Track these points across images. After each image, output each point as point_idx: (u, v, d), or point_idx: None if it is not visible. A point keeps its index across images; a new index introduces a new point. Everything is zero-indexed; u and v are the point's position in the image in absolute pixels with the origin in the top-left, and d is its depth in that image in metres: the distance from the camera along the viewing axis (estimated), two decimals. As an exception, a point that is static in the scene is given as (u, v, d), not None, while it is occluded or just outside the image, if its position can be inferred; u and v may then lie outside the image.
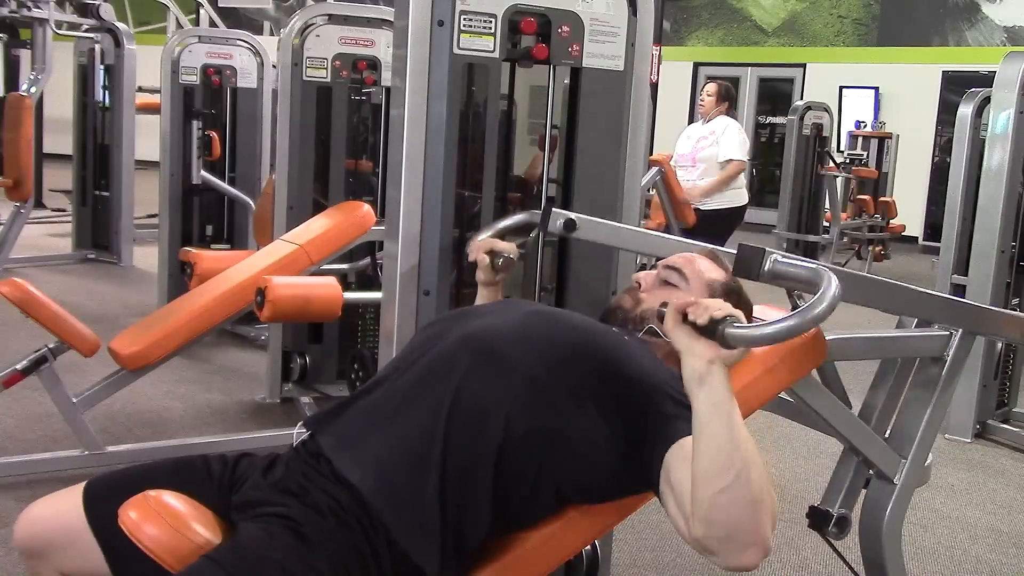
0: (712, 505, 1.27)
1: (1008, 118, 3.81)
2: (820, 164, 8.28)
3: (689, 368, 1.33)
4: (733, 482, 1.26)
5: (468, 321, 1.56)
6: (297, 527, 1.35)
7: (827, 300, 1.34)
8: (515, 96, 2.11)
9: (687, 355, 1.34)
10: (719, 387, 1.31)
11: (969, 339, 2.06)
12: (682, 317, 1.34)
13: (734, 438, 1.29)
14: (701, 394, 1.31)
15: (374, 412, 1.47)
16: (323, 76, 3.96)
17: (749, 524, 1.27)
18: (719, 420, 1.30)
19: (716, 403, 1.30)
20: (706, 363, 1.31)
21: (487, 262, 1.82)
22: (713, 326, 1.31)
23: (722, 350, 1.31)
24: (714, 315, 1.31)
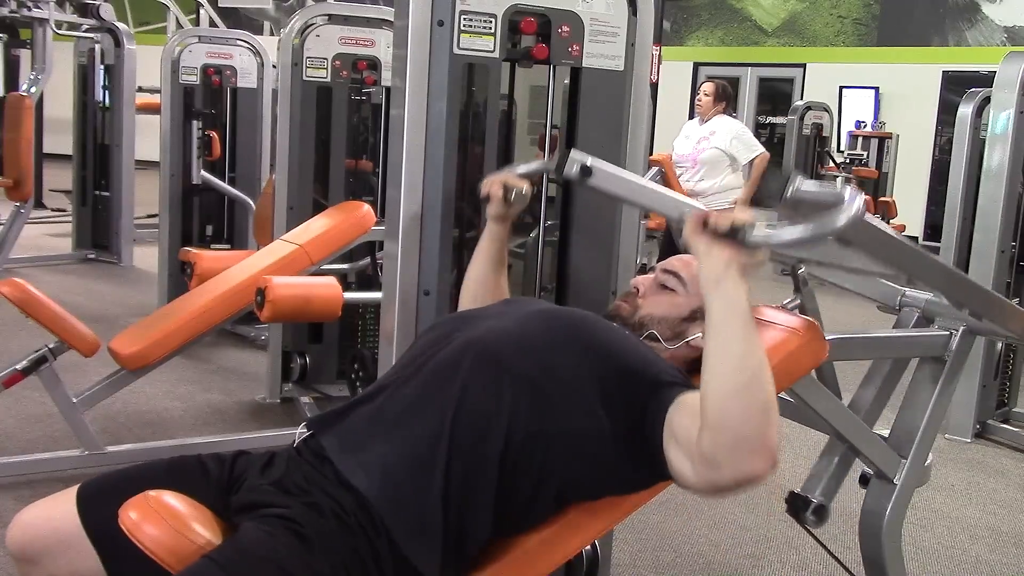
0: (723, 409, 1.28)
1: (1008, 118, 3.81)
2: (820, 164, 8.29)
3: (707, 271, 1.35)
4: (745, 386, 1.27)
5: (471, 325, 1.56)
6: (298, 528, 1.35)
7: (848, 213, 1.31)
8: (515, 96, 2.11)
9: (705, 258, 1.35)
10: (735, 289, 1.32)
11: (969, 339, 2.07)
12: (702, 225, 1.36)
13: (748, 342, 1.30)
14: (717, 296, 1.33)
15: (379, 417, 1.47)
16: (323, 76, 3.96)
17: (759, 429, 1.27)
18: (734, 322, 1.31)
19: (732, 305, 1.32)
20: (724, 265, 1.33)
21: (500, 195, 1.82)
22: (734, 232, 1.32)
23: (741, 255, 1.33)
24: (735, 221, 1.32)
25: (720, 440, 1.28)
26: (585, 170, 1.71)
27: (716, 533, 2.96)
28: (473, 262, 1.91)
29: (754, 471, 1.27)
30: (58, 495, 1.52)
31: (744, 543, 2.91)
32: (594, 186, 1.74)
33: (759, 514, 3.08)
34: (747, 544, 2.90)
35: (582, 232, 2.05)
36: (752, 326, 1.32)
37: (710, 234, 1.35)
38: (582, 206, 2.05)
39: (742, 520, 3.06)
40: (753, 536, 2.95)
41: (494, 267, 1.88)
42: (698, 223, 1.36)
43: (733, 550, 2.86)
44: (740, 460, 1.27)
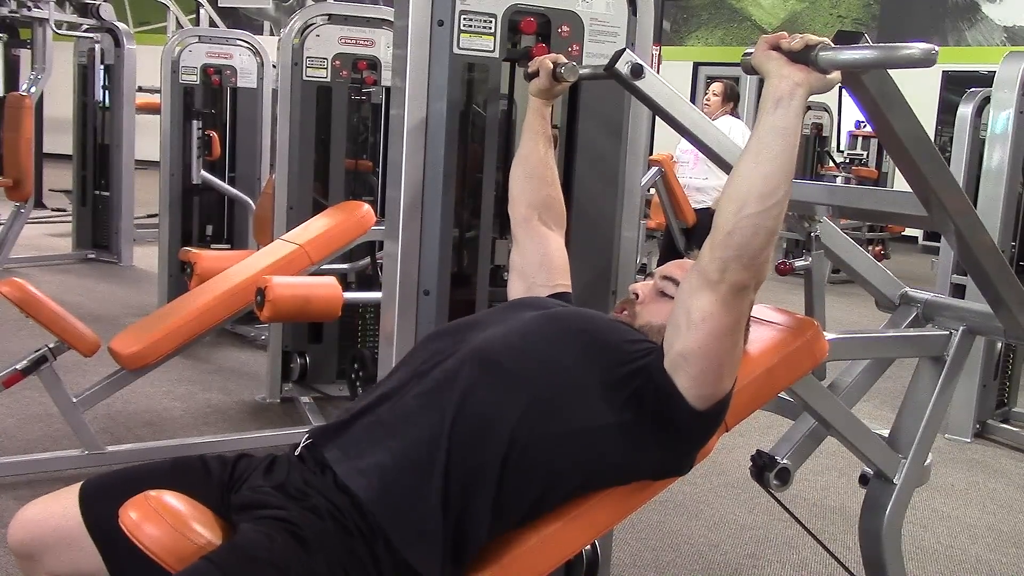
0: (738, 224, 1.33)
1: (1008, 118, 3.81)
2: (820, 164, 8.29)
3: (771, 90, 1.36)
4: (767, 210, 1.32)
5: (473, 334, 1.56)
6: (296, 530, 1.35)
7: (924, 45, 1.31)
8: (515, 96, 2.11)
9: (773, 77, 1.36)
10: (795, 113, 1.34)
11: (969, 338, 2.07)
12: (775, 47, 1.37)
13: (786, 169, 1.34)
14: (776, 114, 1.34)
15: (380, 426, 1.47)
16: (323, 76, 3.96)
17: (759, 249, 1.34)
18: (782, 144, 1.34)
19: (785, 128, 1.34)
20: (792, 84, 1.34)
21: (550, 67, 1.82)
22: (807, 52, 1.33)
23: (811, 76, 1.34)
24: (809, 40, 1.34)
25: (722, 252, 1.34)
26: (636, 69, 1.71)
27: (716, 533, 2.96)
28: (522, 142, 1.90)
29: (743, 279, 1.35)
30: (60, 492, 1.52)
31: (744, 543, 2.91)
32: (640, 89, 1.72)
33: (759, 514, 3.08)
34: (747, 544, 2.90)
35: (582, 232, 2.05)
36: (793, 156, 1.35)
37: (782, 54, 1.36)
38: (582, 206, 2.05)
39: (742, 520, 3.06)
40: (753, 536, 2.95)
41: (541, 142, 1.87)
42: (770, 44, 1.37)
43: (733, 550, 2.86)
44: (734, 269, 1.34)
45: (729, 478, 3.36)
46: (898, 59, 1.32)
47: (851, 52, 1.33)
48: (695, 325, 1.38)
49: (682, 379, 1.42)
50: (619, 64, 1.71)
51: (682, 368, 1.41)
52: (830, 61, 1.33)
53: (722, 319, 1.37)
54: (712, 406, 1.44)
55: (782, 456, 1.96)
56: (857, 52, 1.33)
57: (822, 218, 2.06)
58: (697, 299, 1.38)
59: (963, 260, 1.90)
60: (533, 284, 1.81)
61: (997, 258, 1.85)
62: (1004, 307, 1.92)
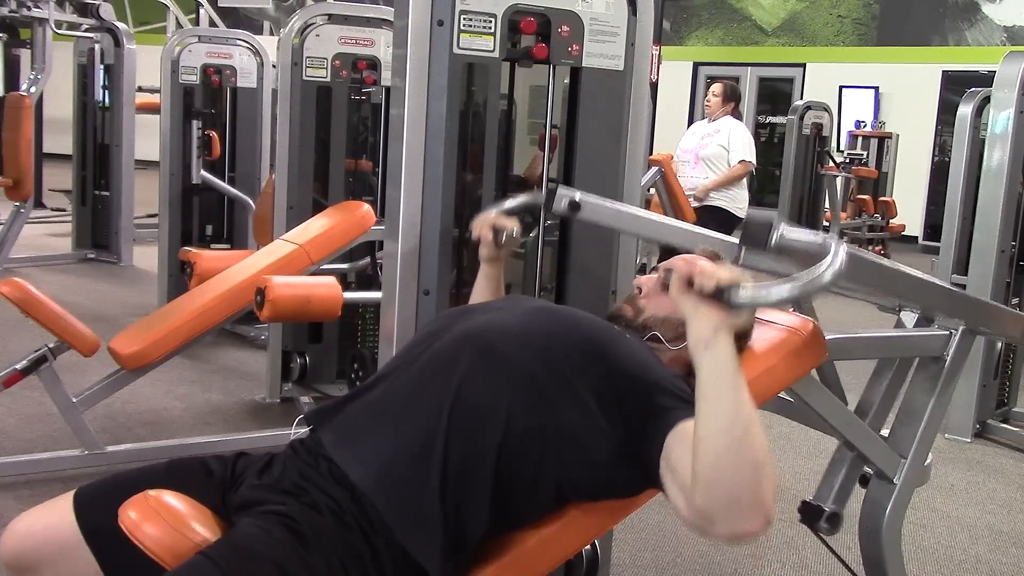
0: (715, 468, 1.26)
1: (1008, 118, 3.81)
2: (820, 164, 8.28)
3: (695, 333, 1.34)
4: (736, 444, 1.26)
5: (470, 318, 1.56)
6: (294, 524, 1.35)
7: (834, 268, 1.33)
8: (515, 96, 2.11)
9: (693, 319, 1.34)
10: (724, 352, 1.32)
11: (969, 339, 2.07)
12: (688, 284, 1.35)
13: (738, 402, 1.29)
14: (706, 359, 1.32)
15: (375, 409, 1.47)
16: (323, 76, 3.96)
17: (751, 488, 1.26)
18: (724, 384, 1.30)
19: (721, 367, 1.31)
20: (712, 328, 1.32)
21: (490, 238, 1.83)
22: (720, 293, 1.32)
23: (728, 315, 1.32)
24: (720, 282, 1.32)
25: (713, 497, 1.26)
26: (574, 205, 1.74)
27: (716, 533, 2.96)
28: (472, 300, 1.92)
29: (747, 529, 1.27)
30: (52, 502, 1.50)
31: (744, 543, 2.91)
32: (585, 219, 1.76)
33: (759, 514, 3.08)
34: (747, 544, 2.90)
35: (582, 232, 2.05)
36: (742, 385, 1.31)
37: (696, 295, 1.34)
38: (582, 206, 2.05)
39: (742, 520, 3.06)
40: (753, 536, 2.95)
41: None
42: (683, 283, 1.35)
43: (733, 550, 2.86)
44: (733, 518, 1.26)
45: (729, 478, 3.35)
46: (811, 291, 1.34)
47: (764, 294, 1.32)
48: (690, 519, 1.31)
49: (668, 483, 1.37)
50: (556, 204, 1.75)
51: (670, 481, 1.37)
52: (744, 304, 1.32)
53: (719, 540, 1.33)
54: None
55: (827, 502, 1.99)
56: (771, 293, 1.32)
57: None
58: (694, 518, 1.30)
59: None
60: None
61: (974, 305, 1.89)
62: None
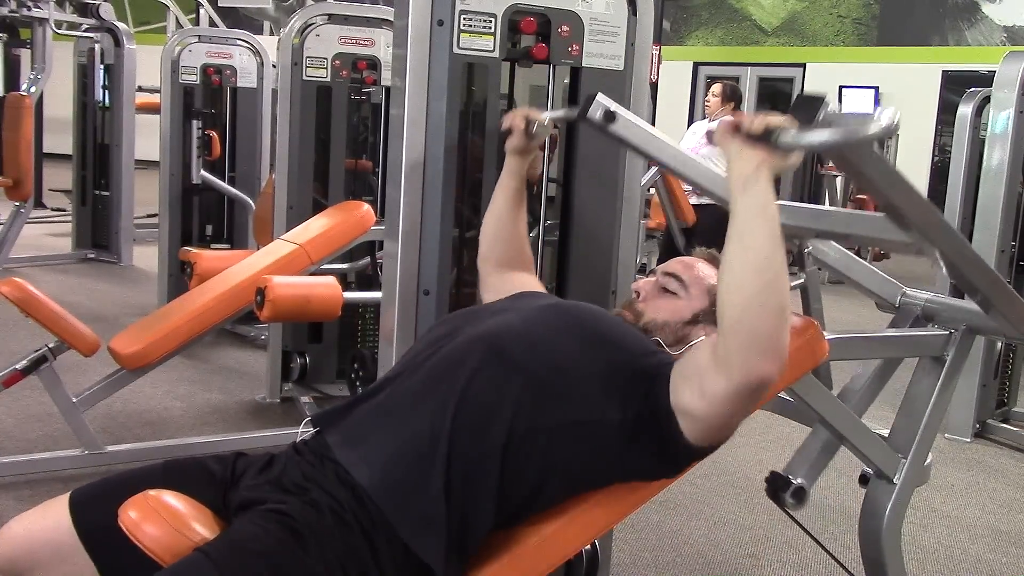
0: (742, 310, 1.29)
1: (1008, 118, 3.81)
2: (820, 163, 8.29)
3: (735, 173, 1.35)
4: (766, 287, 1.29)
5: (477, 321, 1.56)
6: (292, 523, 1.35)
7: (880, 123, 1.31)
8: (515, 96, 2.11)
9: (735, 160, 1.36)
10: (765, 191, 1.33)
11: (969, 338, 2.07)
12: (735, 128, 1.37)
13: (773, 243, 1.31)
14: (746, 198, 1.33)
15: (381, 412, 1.47)
16: (323, 76, 3.96)
17: (773, 330, 1.29)
18: (761, 223, 1.32)
19: (761, 207, 1.33)
20: (754, 166, 1.34)
21: (522, 127, 1.82)
22: (767, 134, 1.33)
23: (772, 155, 1.34)
24: (769, 123, 1.33)
25: (735, 341, 1.29)
26: (609, 115, 1.68)
27: (716, 533, 2.96)
28: (493, 200, 1.89)
29: (764, 372, 1.29)
30: (47, 504, 1.49)
31: (744, 543, 2.91)
32: (615, 133, 1.70)
33: (759, 514, 3.08)
34: (747, 544, 2.90)
35: (582, 232, 2.05)
36: (777, 229, 1.32)
37: (742, 137, 1.35)
38: (582, 206, 2.05)
39: (742, 520, 3.06)
40: (753, 536, 2.95)
41: (514, 203, 1.87)
42: (730, 127, 1.37)
43: (733, 550, 2.86)
44: (752, 360, 1.28)
45: (729, 478, 3.36)
46: (858, 140, 1.33)
47: (811, 135, 1.33)
48: (706, 398, 1.34)
49: (684, 422, 1.39)
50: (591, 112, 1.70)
51: (684, 416, 1.39)
52: (790, 145, 1.33)
53: (735, 405, 1.34)
54: (710, 445, 1.43)
55: (796, 476, 1.97)
56: (817, 135, 1.33)
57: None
58: (711, 380, 1.33)
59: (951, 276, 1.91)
60: None
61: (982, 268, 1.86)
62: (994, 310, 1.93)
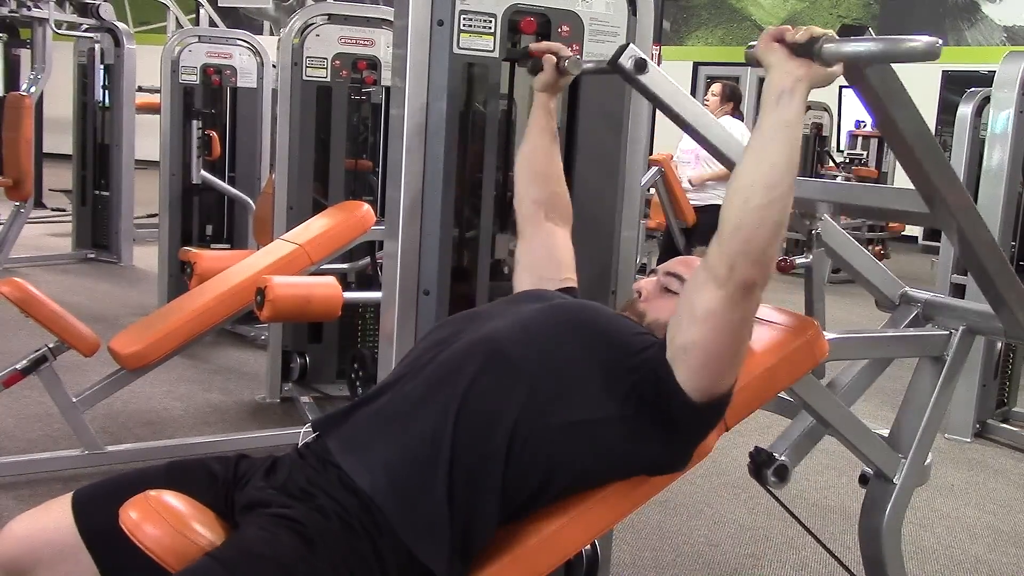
0: (744, 215, 1.32)
1: (1008, 118, 3.81)
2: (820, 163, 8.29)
3: (773, 84, 1.35)
4: (773, 201, 1.32)
5: (477, 324, 1.56)
6: (301, 529, 1.35)
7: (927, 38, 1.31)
8: (515, 96, 2.11)
9: (775, 71, 1.36)
10: (797, 107, 1.34)
11: (969, 338, 2.07)
12: (777, 39, 1.37)
13: (790, 160, 1.33)
14: (778, 110, 1.34)
15: (383, 417, 1.47)
16: (323, 76, 3.96)
17: (766, 242, 1.32)
18: (785, 137, 1.33)
19: (788, 122, 1.34)
20: (794, 79, 1.34)
21: (553, 61, 1.80)
22: (810, 44, 1.33)
23: (812, 70, 1.34)
24: (814, 33, 1.33)
25: (727, 247, 1.33)
26: (640, 64, 1.68)
27: (716, 533, 2.96)
28: (525, 138, 1.88)
29: (752, 276, 1.33)
30: (50, 503, 1.49)
31: (744, 543, 2.91)
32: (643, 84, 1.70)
33: (759, 514, 3.08)
34: (747, 544, 2.90)
35: (582, 231, 2.05)
36: (796, 149, 1.34)
37: (786, 47, 1.35)
38: (583, 205, 2.05)
39: (742, 520, 3.06)
40: (753, 536, 2.95)
41: (546, 139, 1.86)
42: (773, 36, 1.37)
43: (733, 550, 2.86)
44: (742, 264, 1.32)
45: (729, 478, 3.36)
46: (901, 52, 1.32)
47: (854, 45, 1.33)
48: (698, 320, 1.38)
49: (682, 371, 1.41)
50: (623, 59, 1.69)
51: (682, 360, 1.41)
52: (833, 54, 1.33)
53: (726, 316, 1.36)
54: (710, 401, 1.44)
55: (780, 453, 1.96)
56: (860, 45, 1.33)
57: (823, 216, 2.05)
58: (702, 294, 1.37)
59: (964, 258, 1.90)
60: (542, 278, 1.81)
61: (998, 256, 1.85)
62: (1005, 306, 1.92)
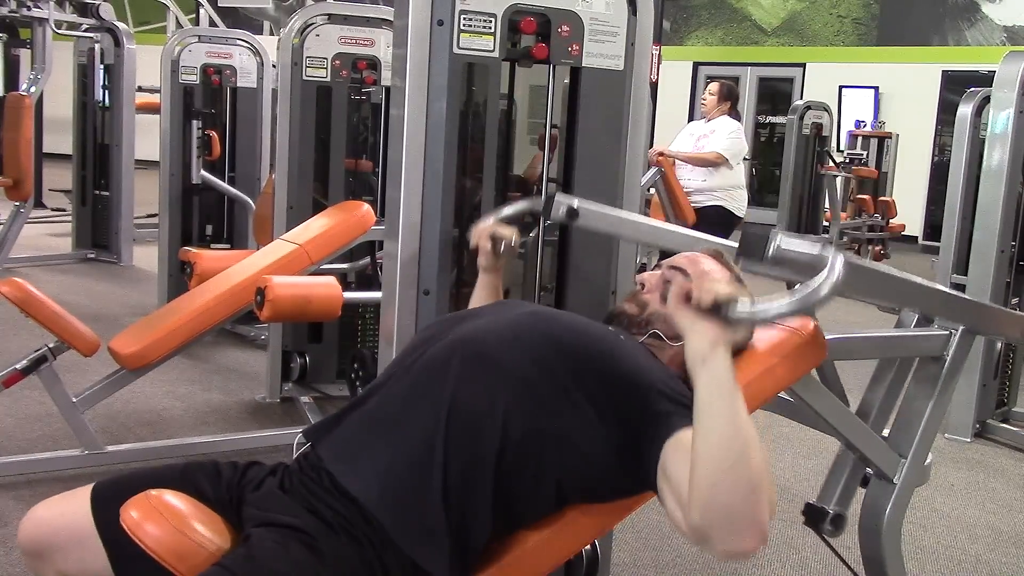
0: (712, 487, 1.25)
1: (1008, 118, 3.81)
2: (820, 164, 8.29)
3: (692, 349, 1.33)
4: (733, 464, 1.25)
5: (462, 324, 1.56)
6: (311, 541, 1.35)
7: (831, 281, 1.32)
8: (515, 96, 2.11)
9: (690, 334, 1.33)
10: (722, 368, 1.30)
11: (969, 338, 2.06)
12: (685, 298, 1.34)
13: (736, 420, 1.28)
14: (704, 375, 1.31)
15: (371, 421, 1.47)
16: (323, 76, 3.96)
17: (748, 508, 1.25)
18: (721, 402, 1.29)
19: (719, 384, 1.30)
20: (710, 344, 1.31)
21: (488, 247, 1.84)
22: (717, 308, 1.31)
23: (726, 330, 1.31)
24: (718, 297, 1.31)
25: (709, 517, 1.26)
26: (572, 212, 1.74)
27: (716, 533, 2.96)
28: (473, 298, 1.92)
29: (742, 548, 1.27)
30: (73, 492, 1.53)
31: (744, 543, 2.90)
32: (583, 226, 1.76)
33: (759, 514, 3.08)
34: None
35: (582, 232, 2.05)
36: (739, 403, 1.30)
37: (694, 309, 1.33)
38: (582, 206, 2.06)
39: (742, 520, 3.06)
40: (753, 536, 2.95)
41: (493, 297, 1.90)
42: (681, 297, 1.35)
43: (733, 550, 2.85)
44: (729, 538, 1.26)
45: (729, 478, 3.35)
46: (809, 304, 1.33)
47: (763, 309, 1.33)
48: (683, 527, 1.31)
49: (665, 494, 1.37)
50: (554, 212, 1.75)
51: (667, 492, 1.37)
52: (742, 319, 1.32)
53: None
54: None
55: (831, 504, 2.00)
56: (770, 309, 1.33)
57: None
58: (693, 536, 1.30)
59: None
60: None
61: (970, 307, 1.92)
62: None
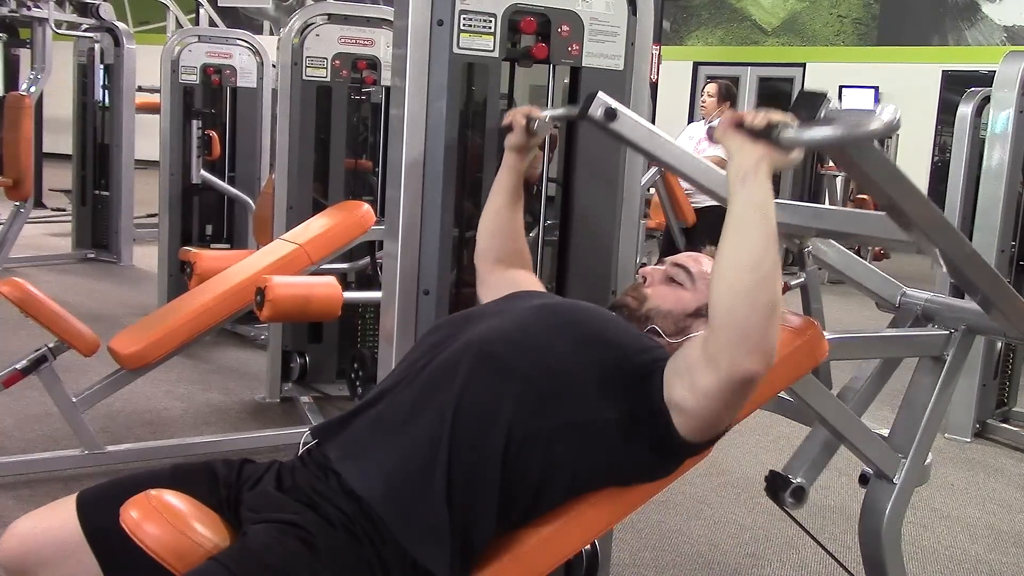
0: (732, 305, 1.29)
1: (1008, 118, 3.81)
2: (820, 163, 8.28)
3: (735, 167, 1.35)
4: (757, 284, 1.28)
5: (470, 326, 1.56)
6: (308, 536, 1.35)
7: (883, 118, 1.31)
8: (515, 96, 2.11)
9: (736, 154, 1.36)
10: (763, 187, 1.33)
11: (969, 338, 2.07)
12: (736, 124, 1.37)
13: (768, 240, 1.31)
14: (743, 192, 1.33)
15: (380, 423, 1.47)
16: (323, 76, 3.96)
17: (762, 328, 1.28)
18: (757, 219, 1.32)
19: (757, 203, 1.33)
20: (754, 161, 1.34)
21: (523, 123, 1.82)
22: (769, 130, 1.34)
23: (773, 152, 1.34)
24: (771, 119, 1.34)
25: (723, 336, 1.29)
26: (610, 113, 1.68)
27: (716, 533, 2.96)
28: (490, 197, 1.89)
29: (750, 368, 1.29)
30: (55, 504, 1.49)
31: (744, 543, 2.91)
32: (616, 131, 1.70)
33: (759, 514, 3.08)
34: (747, 544, 2.90)
35: (582, 232, 2.05)
36: (773, 226, 1.32)
37: (744, 132, 1.36)
38: (582, 205, 2.05)
39: (742, 520, 3.06)
40: (753, 536, 2.95)
41: (512, 199, 1.87)
42: (732, 121, 1.38)
43: (733, 550, 2.86)
44: (739, 357, 1.28)
45: (729, 478, 3.36)
46: (859, 136, 1.34)
47: (812, 132, 1.34)
48: (696, 393, 1.35)
49: (677, 417, 1.40)
50: (592, 109, 1.70)
51: (678, 412, 1.39)
52: (791, 141, 1.34)
53: (724, 398, 1.34)
54: (706, 440, 1.44)
55: (796, 475, 1.98)
56: (818, 132, 1.34)
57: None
58: (701, 375, 1.34)
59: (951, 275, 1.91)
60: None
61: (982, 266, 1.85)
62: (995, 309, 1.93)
